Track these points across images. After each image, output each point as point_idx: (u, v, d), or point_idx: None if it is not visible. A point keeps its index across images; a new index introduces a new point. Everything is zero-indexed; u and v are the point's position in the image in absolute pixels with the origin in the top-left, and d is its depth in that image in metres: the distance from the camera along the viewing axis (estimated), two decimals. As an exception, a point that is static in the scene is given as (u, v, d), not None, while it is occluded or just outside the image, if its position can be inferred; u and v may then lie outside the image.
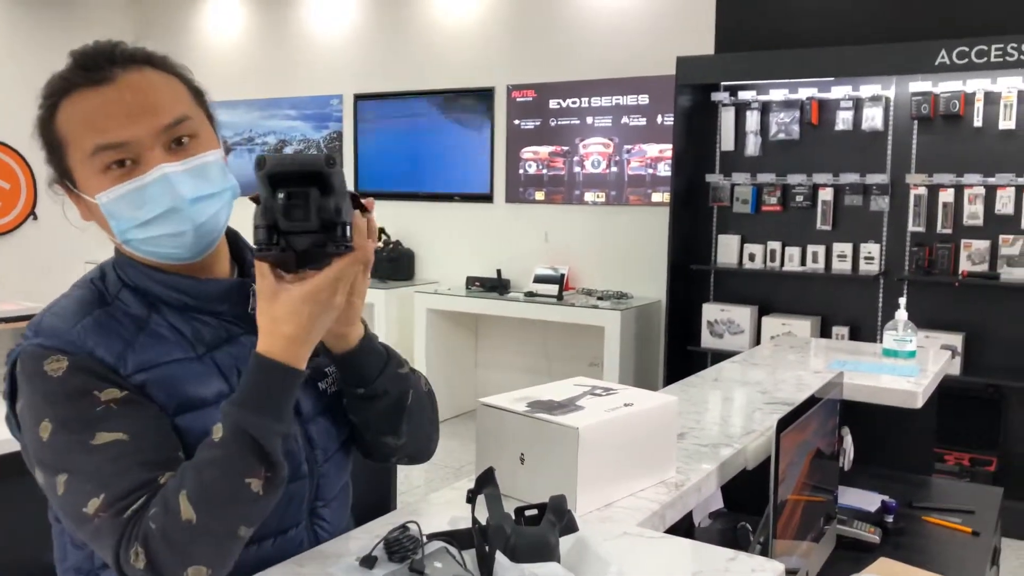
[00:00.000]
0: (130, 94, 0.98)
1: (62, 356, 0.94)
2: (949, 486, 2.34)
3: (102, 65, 0.99)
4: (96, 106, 0.98)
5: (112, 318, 1.00)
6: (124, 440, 0.92)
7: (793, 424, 1.44)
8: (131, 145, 0.97)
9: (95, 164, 0.98)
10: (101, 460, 0.91)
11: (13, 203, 6.02)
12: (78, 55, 1.01)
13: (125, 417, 0.93)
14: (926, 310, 3.80)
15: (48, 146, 1.02)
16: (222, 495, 0.88)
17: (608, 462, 1.24)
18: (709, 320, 4.34)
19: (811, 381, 2.13)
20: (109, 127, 0.97)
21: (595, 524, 1.15)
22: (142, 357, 0.98)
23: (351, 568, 0.91)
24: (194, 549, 0.87)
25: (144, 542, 0.87)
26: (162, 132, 0.98)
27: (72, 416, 0.92)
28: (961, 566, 1.72)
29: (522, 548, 0.92)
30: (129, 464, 0.91)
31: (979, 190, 3.78)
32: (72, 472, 0.91)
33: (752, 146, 4.24)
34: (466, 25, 5.27)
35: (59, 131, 1.00)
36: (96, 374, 0.94)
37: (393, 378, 1.09)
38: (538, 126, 5.02)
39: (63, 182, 1.04)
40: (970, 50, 3.55)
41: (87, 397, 0.93)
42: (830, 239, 4.14)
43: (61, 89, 1.00)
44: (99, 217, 1.02)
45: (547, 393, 1.35)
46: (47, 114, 1.01)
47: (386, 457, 1.17)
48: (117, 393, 0.94)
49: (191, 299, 1.03)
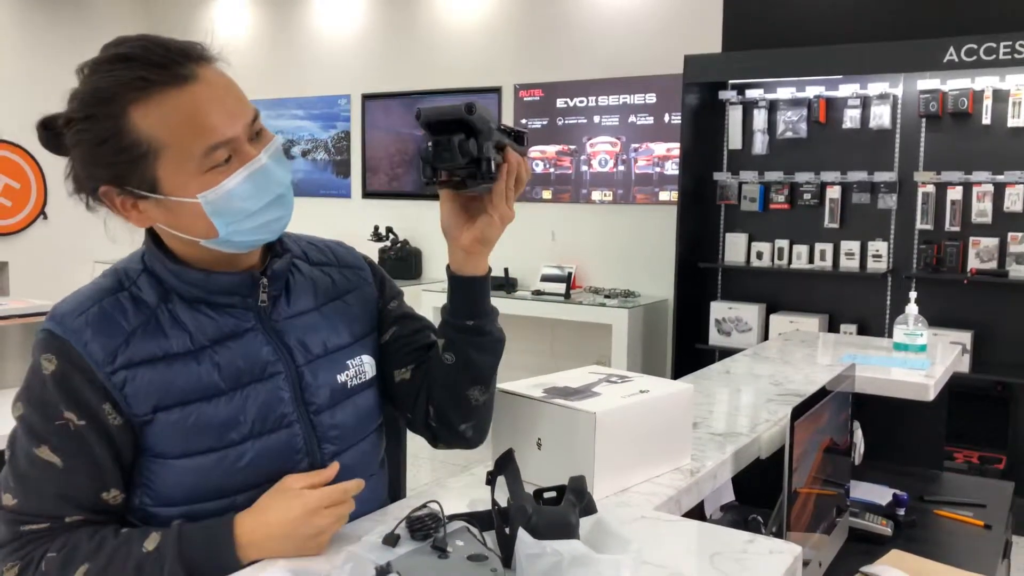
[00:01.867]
0: (219, 91, 0.98)
1: (55, 357, 0.98)
2: (960, 480, 2.33)
3: (181, 62, 0.96)
4: (195, 105, 0.95)
5: (119, 307, 1.02)
6: (57, 467, 0.98)
7: (807, 413, 1.44)
8: (233, 142, 0.97)
9: (201, 164, 0.96)
10: (32, 470, 0.98)
11: (24, 203, 6.05)
12: (135, 54, 0.96)
13: (70, 445, 0.98)
14: (934, 308, 3.79)
15: (121, 156, 0.96)
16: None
17: (625, 447, 1.25)
18: (717, 318, 4.35)
19: (822, 374, 2.13)
20: (217, 125, 0.96)
21: (612, 508, 1.16)
22: (135, 351, 1.00)
23: (374, 546, 0.92)
24: None
25: (23, 569, 0.96)
26: (249, 126, 1.00)
27: (34, 417, 0.99)
28: (973, 559, 1.72)
29: (543, 527, 0.93)
30: (49, 491, 0.98)
31: (988, 188, 3.78)
32: (11, 460, 1.00)
33: (760, 144, 4.25)
34: (473, 25, 5.28)
35: (143, 138, 0.95)
36: (70, 387, 0.98)
37: (495, 324, 1.16)
38: (545, 125, 5.04)
39: (130, 191, 0.99)
40: (979, 47, 3.55)
41: (53, 409, 0.98)
42: (838, 237, 4.14)
43: (133, 90, 0.94)
44: (185, 219, 0.99)
45: (563, 380, 1.36)
46: (114, 120, 0.95)
47: (459, 424, 1.18)
48: (75, 420, 0.98)
49: (200, 291, 1.05)
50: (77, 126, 0.98)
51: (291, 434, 1.07)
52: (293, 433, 1.07)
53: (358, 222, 5.43)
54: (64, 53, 6.48)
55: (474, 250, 1.11)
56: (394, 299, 1.27)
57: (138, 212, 1.02)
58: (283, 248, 1.13)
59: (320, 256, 1.21)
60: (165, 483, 1.02)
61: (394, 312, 1.25)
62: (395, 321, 1.24)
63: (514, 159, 1.08)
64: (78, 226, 6.57)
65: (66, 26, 6.30)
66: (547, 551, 0.87)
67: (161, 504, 1.03)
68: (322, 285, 1.17)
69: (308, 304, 1.14)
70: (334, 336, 1.14)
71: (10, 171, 5.96)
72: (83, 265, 6.36)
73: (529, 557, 0.88)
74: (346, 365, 1.14)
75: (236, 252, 1.05)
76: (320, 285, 1.17)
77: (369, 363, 1.18)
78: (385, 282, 1.27)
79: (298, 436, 1.08)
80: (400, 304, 1.27)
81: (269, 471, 1.04)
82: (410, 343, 1.22)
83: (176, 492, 1.02)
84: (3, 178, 5.92)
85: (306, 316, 1.13)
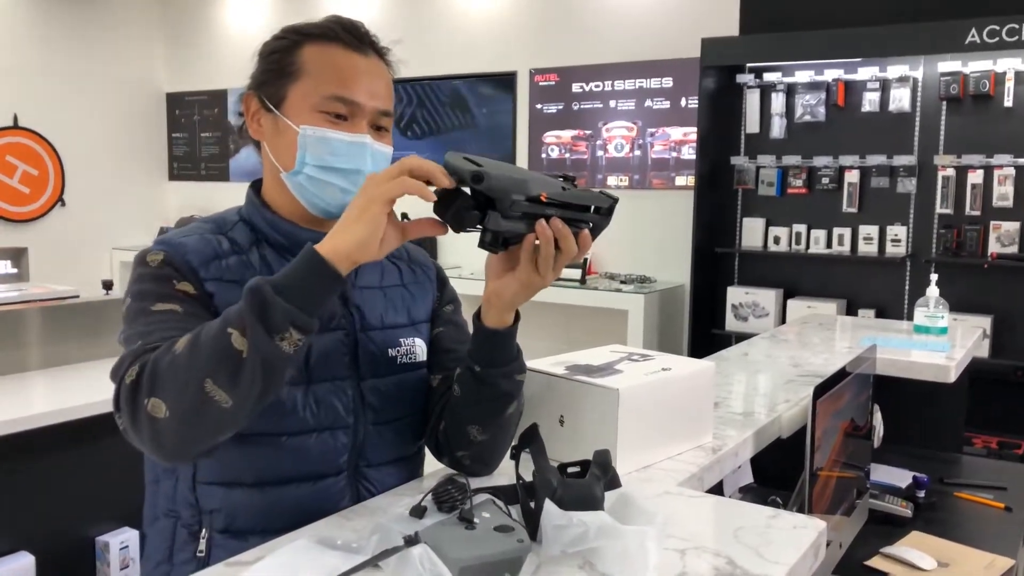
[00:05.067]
0: (374, 72, 1.14)
1: (162, 252, 1.08)
2: (980, 463, 2.32)
3: (364, 40, 1.14)
4: (351, 64, 1.12)
5: (216, 239, 1.12)
6: (177, 311, 1.04)
7: (829, 392, 1.44)
8: (356, 107, 1.10)
9: (321, 104, 1.09)
10: (154, 320, 1.02)
11: (42, 189, 6.10)
12: (344, 21, 1.14)
13: (186, 304, 1.05)
14: (954, 293, 3.75)
15: (275, 67, 1.12)
16: (206, 339, 0.91)
17: (647, 424, 1.25)
18: (734, 303, 4.33)
19: (842, 356, 2.12)
20: (352, 86, 1.10)
21: (636, 484, 1.16)
22: (227, 270, 1.09)
23: (401, 518, 0.93)
24: (164, 383, 0.91)
25: (141, 366, 0.94)
26: (377, 113, 1.13)
27: (148, 290, 1.06)
28: (994, 541, 1.72)
29: (568, 500, 0.93)
30: (172, 327, 1.00)
31: (1009, 171, 3.73)
32: (129, 327, 1.04)
33: (777, 128, 4.22)
34: (488, 9, 5.26)
35: (300, 61, 1.11)
36: (180, 272, 1.06)
37: (509, 378, 1.11)
38: (561, 110, 5.02)
39: (262, 97, 1.13)
40: (1001, 28, 3.50)
41: (166, 282, 1.06)
42: (856, 221, 4.11)
43: (319, 33, 1.12)
44: (282, 142, 1.11)
45: (584, 358, 1.36)
46: (292, 44, 1.12)
47: (455, 450, 1.17)
48: (190, 288, 1.06)
49: (286, 240, 1.13)
50: (267, 42, 1.16)
51: (340, 387, 1.12)
52: (343, 388, 1.12)
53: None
54: (80, 43, 6.52)
55: (492, 301, 1.08)
56: (451, 303, 1.31)
57: (258, 125, 1.15)
58: None
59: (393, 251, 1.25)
60: None
61: (447, 315, 1.29)
62: (444, 324, 1.28)
63: (546, 234, 0.99)
64: (95, 213, 6.67)
65: (83, 19, 6.32)
66: (573, 522, 0.88)
67: None
68: (389, 272, 1.24)
69: (374, 282, 1.21)
70: (392, 313, 1.20)
71: (28, 158, 6.00)
72: (101, 251, 6.42)
73: (555, 528, 0.88)
74: (399, 342, 1.19)
75: (308, 209, 1.13)
76: (388, 272, 1.24)
77: (421, 347, 1.22)
78: (446, 285, 1.33)
79: (347, 393, 1.12)
80: (455, 311, 1.31)
81: (316, 419, 1.09)
82: (448, 353, 1.24)
83: None
84: (22, 165, 5.96)
85: (370, 291, 1.19)
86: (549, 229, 0.99)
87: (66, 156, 6.17)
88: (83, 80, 6.28)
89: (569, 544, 0.89)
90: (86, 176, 6.30)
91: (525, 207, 0.98)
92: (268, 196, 1.17)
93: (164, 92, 6.88)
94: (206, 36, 6.63)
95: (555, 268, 1.02)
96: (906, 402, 2.24)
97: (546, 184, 1.00)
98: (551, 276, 1.03)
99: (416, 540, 0.85)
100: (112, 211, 6.48)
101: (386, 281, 1.23)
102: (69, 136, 6.14)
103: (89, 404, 2.15)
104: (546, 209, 0.99)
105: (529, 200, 0.98)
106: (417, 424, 1.22)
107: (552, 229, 0.99)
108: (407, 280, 1.26)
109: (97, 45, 6.41)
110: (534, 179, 0.99)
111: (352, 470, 1.13)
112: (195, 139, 6.77)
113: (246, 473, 1.07)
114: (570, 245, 1.01)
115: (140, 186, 6.74)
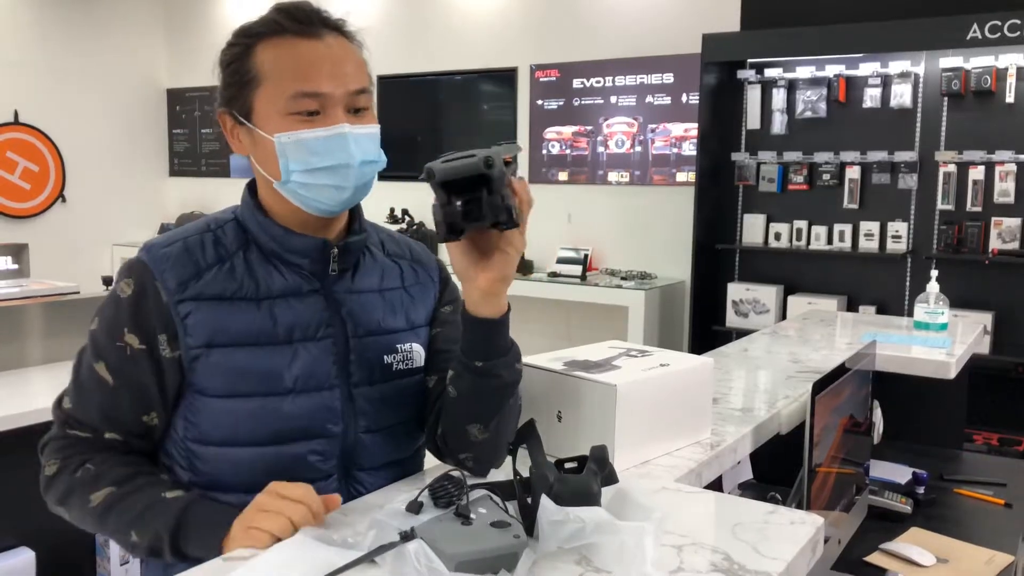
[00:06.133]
0: (334, 54, 1.08)
1: (133, 283, 1.07)
2: (980, 460, 2.32)
3: (313, 21, 1.08)
4: (304, 55, 1.06)
5: (199, 244, 1.10)
6: (108, 385, 1.08)
7: (828, 388, 1.44)
8: (325, 99, 1.06)
9: (287, 106, 1.05)
10: (87, 383, 1.10)
11: (42, 186, 6.10)
12: (285, 7, 1.09)
13: (123, 367, 1.07)
14: (955, 289, 3.73)
15: (235, 79, 1.08)
16: (115, 527, 1.05)
17: (645, 420, 1.25)
18: (734, 300, 4.33)
19: (843, 352, 2.12)
20: (313, 77, 1.05)
21: (633, 480, 1.16)
22: (205, 287, 1.07)
23: (398, 514, 0.92)
24: (72, 512, 1.10)
25: (60, 469, 1.09)
26: (349, 96, 1.08)
27: (100, 333, 1.09)
28: (994, 537, 1.71)
29: (565, 495, 0.93)
30: (96, 406, 1.09)
31: (1011, 167, 3.73)
32: (75, 368, 1.12)
33: (778, 124, 4.21)
34: (489, 5, 5.25)
35: (256, 67, 1.07)
36: (138, 313, 1.07)
37: (510, 367, 1.09)
38: (561, 106, 5.01)
39: (233, 113, 1.10)
40: (1002, 24, 3.50)
41: (117, 330, 1.08)
42: (857, 218, 4.10)
43: (266, 30, 1.08)
44: (263, 154, 1.09)
45: (583, 354, 1.36)
46: (244, 50, 1.08)
47: (457, 452, 1.14)
48: (135, 342, 1.07)
49: (276, 246, 1.12)
50: (222, 51, 1.11)
51: (331, 397, 1.10)
52: (333, 397, 1.11)
53: (374, 204, 5.42)
54: (81, 39, 6.51)
55: (494, 290, 1.05)
56: (450, 304, 1.27)
57: (238, 140, 1.12)
58: (361, 229, 1.18)
59: (395, 248, 1.25)
60: (206, 421, 1.07)
61: (445, 316, 1.26)
62: (442, 324, 1.25)
63: (523, 192, 1.03)
64: (96, 209, 6.67)
65: (83, 16, 6.31)
66: (570, 517, 0.88)
67: (199, 442, 1.08)
68: (390, 273, 1.22)
69: (372, 285, 1.18)
70: (390, 318, 1.18)
71: (29, 154, 6.00)
72: (101, 247, 6.42)
73: (552, 524, 0.88)
74: (395, 348, 1.16)
75: (307, 212, 1.10)
76: (388, 273, 1.21)
77: (419, 352, 1.20)
78: (447, 284, 1.29)
79: (336, 402, 1.11)
80: (454, 311, 1.26)
81: (304, 428, 1.08)
82: (443, 353, 1.21)
83: (214, 433, 1.07)
84: (22, 161, 5.96)
85: (367, 295, 1.17)
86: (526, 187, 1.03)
87: (67, 152, 6.17)
88: (84, 76, 6.28)
89: (566, 540, 0.89)
90: (87, 172, 6.30)
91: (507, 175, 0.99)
92: (263, 200, 1.14)
93: (165, 88, 6.87)
94: (207, 32, 6.62)
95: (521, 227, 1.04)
96: (906, 398, 2.24)
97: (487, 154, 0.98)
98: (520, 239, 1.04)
99: (412, 536, 0.85)
100: (113, 207, 6.48)
101: (386, 283, 1.20)
102: (70, 132, 6.14)
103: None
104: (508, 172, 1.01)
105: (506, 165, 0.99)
106: (413, 428, 1.21)
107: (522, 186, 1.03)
108: (408, 282, 1.23)
109: (98, 41, 6.41)
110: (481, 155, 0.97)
111: (343, 473, 1.12)
112: (196, 135, 6.77)
113: (234, 477, 1.07)
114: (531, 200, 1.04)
115: (141, 182, 6.74)
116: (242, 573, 0.86)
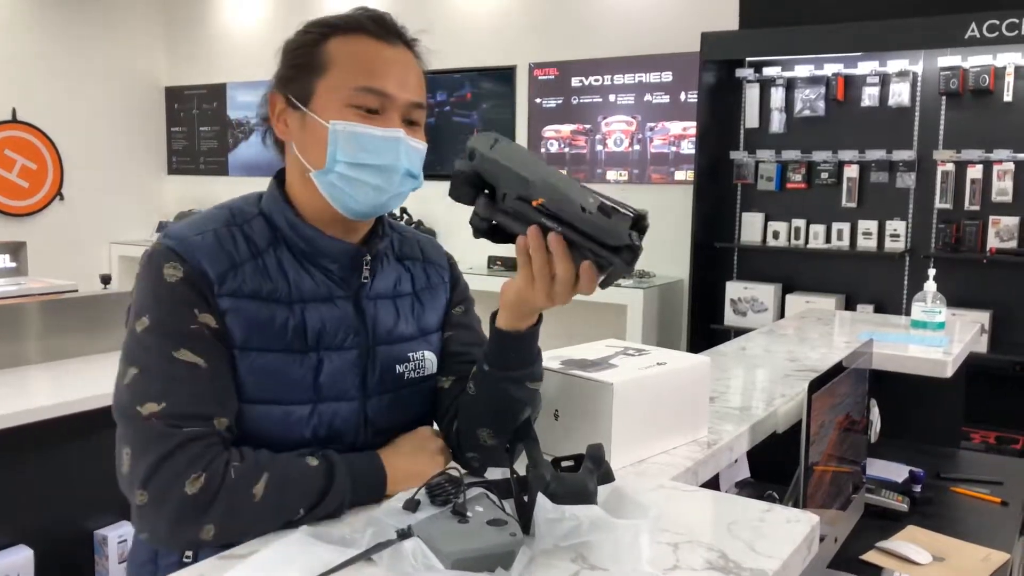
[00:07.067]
0: (404, 63, 1.10)
1: (180, 265, 1.00)
2: (977, 458, 2.33)
3: (391, 31, 1.11)
4: (378, 55, 1.08)
5: (230, 238, 1.05)
6: (201, 367, 0.98)
7: (825, 386, 1.44)
8: (387, 100, 1.07)
9: (349, 98, 1.05)
10: (175, 373, 0.98)
11: (40, 184, 6.09)
12: (368, 11, 1.11)
13: (210, 347, 1.00)
14: (953, 288, 3.74)
15: (300, 62, 1.08)
16: (282, 499, 0.97)
17: (642, 419, 1.25)
18: (732, 298, 4.33)
19: (840, 350, 2.12)
20: (381, 76, 1.07)
21: (629, 478, 1.16)
22: (244, 283, 1.03)
23: (395, 512, 0.93)
24: (239, 522, 0.96)
25: (210, 479, 0.94)
26: (408, 105, 1.09)
27: (168, 321, 0.99)
28: (990, 535, 1.72)
29: (561, 493, 0.93)
30: (197, 390, 0.98)
31: (1009, 166, 3.73)
32: (145, 370, 0.99)
33: (777, 123, 4.21)
34: (488, 4, 5.25)
35: (326, 55, 1.07)
36: (200, 293, 1.00)
37: (521, 385, 1.09)
38: (560, 104, 5.01)
39: (288, 96, 1.09)
40: (1000, 23, 3.50)
41: (188, 311, 0.99)
42: (855, 216, 4.11)
43: (345, 24, 1.09)
44: (310, 139, 1.07)
45: (580, 352, 1.37)
46: (317, 38, 1.09)
47: (466, 451, 1.14)
48: (212, 321, 1.00)
49: (306, 246, 1.09)
50: (293, 36, 1.12)
51: (350, 408, 1.09)
52: (352, 408, 1.09)
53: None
54: (79, 37, 6.50)
55: (501, 301, 1.05)
56: (461, 304, 1.27)
57: (284, 124, 1.10)
58: (384, 232, 1.18)
59: (407, 250, 1.23)
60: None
61: (456, 317, 1.25)
62: (454, 327, 1.24)
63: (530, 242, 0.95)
64: (94, 207, 6.66)
65: (82, 15, 6.31)
66: (566, 515, 0.88)
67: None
68: (402, 278, 1.20)
69: (387, 291, 1.17)
70: (402, 325, 1.16)
71: (27, 152, 5.99)
72: (99, 245, 6.42)
73: (548, 521, 0.89)
74: (407, 357, 1.15)
75: (336, 209, 1.08)
76: (401, 278, 1.20)
77: (431, 360, 1.19)
78: (458, 285, 1.28)
79: (356, 412, 1.10)
80: (465, 312, 1.27)
81: (322, 438, 1.06)
82: (459, 356, 1.21)
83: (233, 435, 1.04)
84: (20, 159, 5.96)
85: (383, 302, 1.16)
86: (535, 239, 0.94)
87: (64, 150, 6.16)
88: (82, 74, 6.27)
89: (562, 537, 0.89)
90: (85, 170, 6.29)
91: (517, 206, 0.93)
92: (292, 194, 1.11)
93: (163, 86, 6.87)
94: (205, 30, 6.61)
95: (553, 293, 0.96)
96: (904, 397, 2.25)
97: (555, 194, 0.91)
98: (542, 296, 0.97)
99: (409, 533, 0.86)
100: (111, 205, 6.48)
101: (399, 289, 1.18)
102: (68, 130, 6.14)
103: (88, 398, 2.15)
104: (540, 217, 0.93)
105: (520, 199, 0.93)
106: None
107: (550, 244, 0.94)
108: (419, 286, 1.21)
109: (96, 39, 6.40)
110: (546, 184, 0.92)
111: None
112: (194, 133, 6.77)
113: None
114: (565, 268, 0.94)
115: (139, 180, 6.73)
116: (240, 571, 0.86)
